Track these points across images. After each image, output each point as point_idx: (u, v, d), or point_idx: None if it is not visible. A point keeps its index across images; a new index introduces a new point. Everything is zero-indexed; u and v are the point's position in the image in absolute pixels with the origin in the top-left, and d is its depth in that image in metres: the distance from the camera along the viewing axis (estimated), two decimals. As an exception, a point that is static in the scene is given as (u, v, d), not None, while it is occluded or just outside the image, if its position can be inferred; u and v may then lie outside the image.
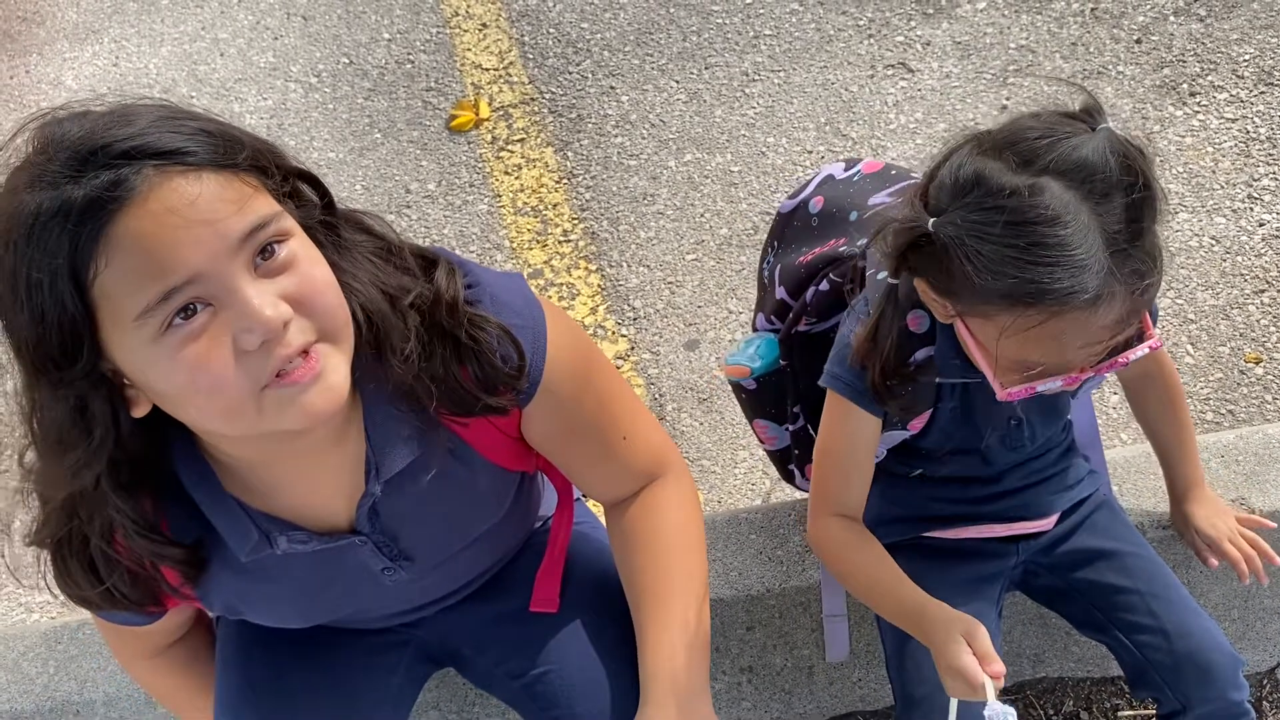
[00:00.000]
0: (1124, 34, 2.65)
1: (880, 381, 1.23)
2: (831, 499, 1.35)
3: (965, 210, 1.08)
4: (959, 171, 1.09)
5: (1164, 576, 1.40)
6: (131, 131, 0.85)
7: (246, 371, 0.88)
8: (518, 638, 1.31)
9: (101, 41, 3.22)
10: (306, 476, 1.06)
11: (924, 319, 1.23)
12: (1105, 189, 1.04)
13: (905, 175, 1.42)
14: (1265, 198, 2.28)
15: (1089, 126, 1.08)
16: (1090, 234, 1.04)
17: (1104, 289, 1.04)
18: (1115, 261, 1.04)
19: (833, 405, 1.31)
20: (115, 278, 0.84)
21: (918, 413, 1.26)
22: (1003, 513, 1.39)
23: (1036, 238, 1.04)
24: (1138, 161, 1.07)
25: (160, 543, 1.02)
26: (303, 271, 0.91)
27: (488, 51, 2.96)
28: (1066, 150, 1.05)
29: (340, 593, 1.18)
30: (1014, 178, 1.06)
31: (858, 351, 1.23)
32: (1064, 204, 1.04)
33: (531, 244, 2.50)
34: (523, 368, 1.06)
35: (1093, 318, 1.06)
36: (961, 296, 1.12)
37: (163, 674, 1.34)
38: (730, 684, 1.69)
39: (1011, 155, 1.07)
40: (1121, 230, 1.05)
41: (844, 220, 1.40)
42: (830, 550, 1.36)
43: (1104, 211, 1.04)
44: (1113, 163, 1.05)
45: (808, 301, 1.40)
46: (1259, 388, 2.01)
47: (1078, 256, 1.03)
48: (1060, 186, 1.04)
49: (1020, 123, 1.10)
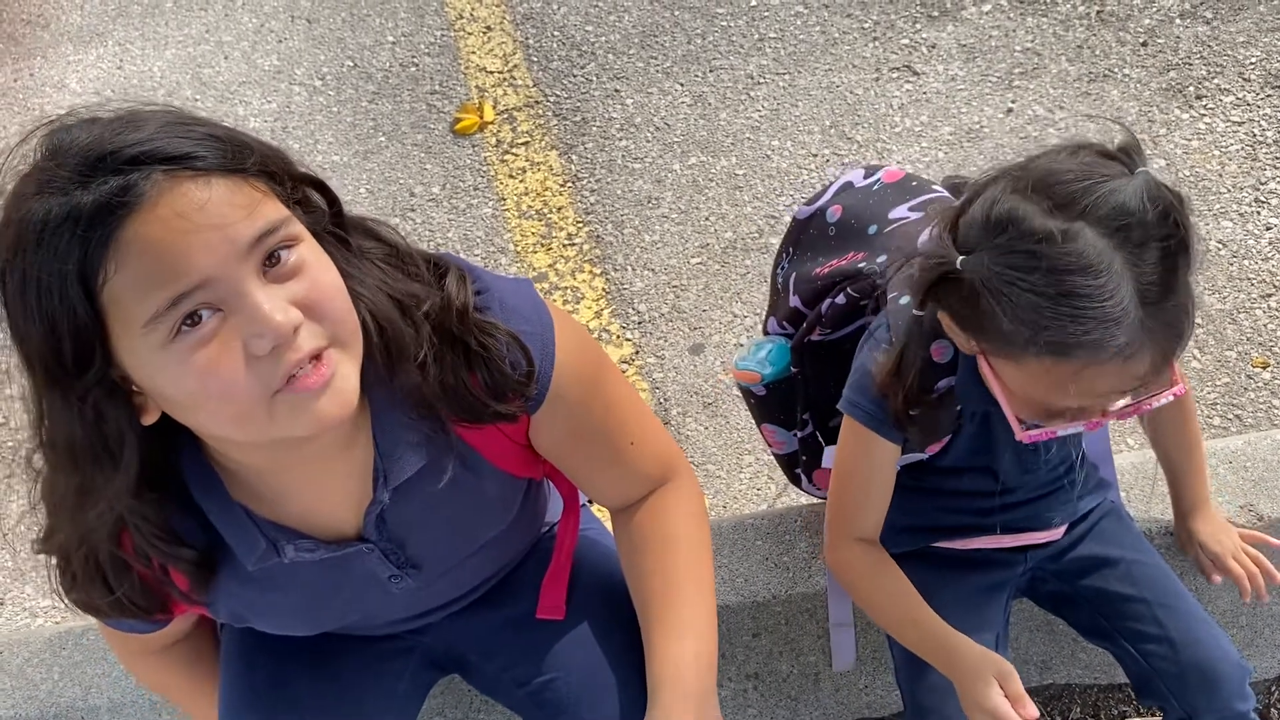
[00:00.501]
0: (1130, 37, 2.64)
1: (903, 411, 1.21)
2: (849, 524, 1.34)
3: (996, 252, 1.05)
4: (992, 210, 1.07)
5: (1171, 585, 1.40)
6: (140, 137, 0.85)
7: (257, 377, 0.88)
8: (524, 644, 1.30)
9: (105, 44, 3.22)
10: (314, 483, 1.05)
11: (947, 349, 1.22)
12: (1141, 238, 1.02)
13: (926, 187, 1.40)
14: (1272, 201, 2.27)
15: (1127, 168, 1.05)
16: (1124, 286, 1.01)
17: (1134, 342, 1.02)
18: (1147, 314, 1.02)
19: (851, 431, 1.29)
20: (125, 283, 0.84)
21: (938, 439, 1.25)
22: (1012, 524, 1.38)
23: (1068, 287, 1.01)
24: (1175, 209, 1.04)
25: (172, 544, 1.02)
26: (312, 277, 0.91)
27: (492, 54, 2.96)
28: (1104, 195, 1.02)
29: (347, 600, 1.17)
30: (1048, 222, 1.03)
31: (880, 382, 1.22)
32: (1098, 253, 1.01)
33: (536, 248, 2.50)
34: (532, 374, 1.06)
35: (1122, 369, 1.04)
36: (987, 338, 1.10)
37: (164, 671, 1.33)
38: (736, 691, 1.68)
39: (1047, 198, 1.04)
40: (1155, 282, 1.02)
41: (863, 233, 1.38)
42: (851, 578, 1.36)
43: (1139, 261, 1.02)
44: (1149, 210, 1.02)
45: (823, 313, 1.38)
46: (1266, 392, 2.00)
47: (1110, 309, 1.01)
48: (1095, 234, 1.02)
49: (1057, 162, 1.07)
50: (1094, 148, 1.09)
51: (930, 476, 1.34)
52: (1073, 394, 1.07)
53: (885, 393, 1.22)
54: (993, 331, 1.08)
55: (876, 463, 1.29)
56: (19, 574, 2.10)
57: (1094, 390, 1.07)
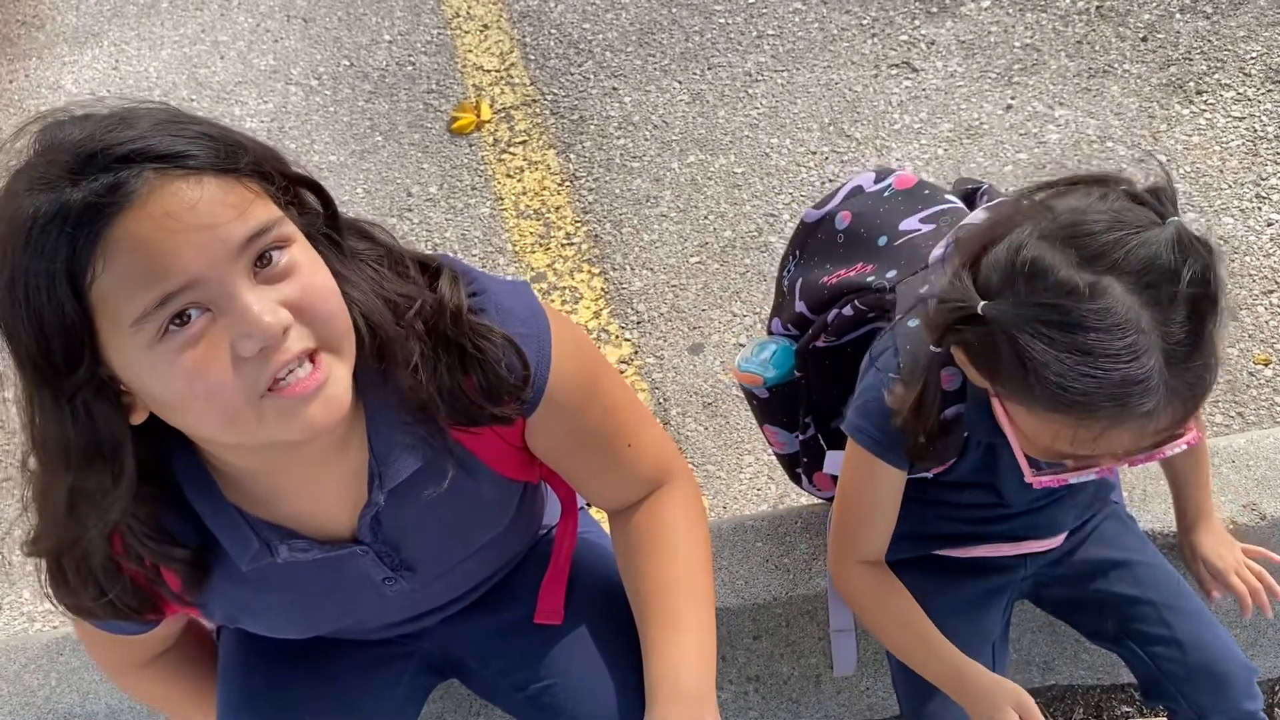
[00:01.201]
0: (1130, 32, 2.63)
1: (916, 444, 1.19)
2: (854, 546, 1.33)
3: (1019, 301, 1.02)
4: (1016, 256, 1.03)
5: (1176, 586, 1.39)
6: (132, 135, 0.85)
7: (244, 378, 0.87)
8: (522, 649, 1.29)
9: (101, 45, 3.21)
10: (309, 485, 1.05)
11: (956, 376, 1.19)
12: (1170, 295, 0.99)
13: (939, 196, 1.37)
14: (1274, 197, 2.26)
15: (1158, 215, 1.02)
16: (1151, 346, 0.99)
17: (1158, 403, 1.00)
18: (1172, 374, 0.99)
19: (856, 456, 1.27)
20: (112, 281, 0.83)
21: (943, 463, 1.24)
22: (1012, 532, 1.37)
23: (1093, 346, 0.99)
24: (1206, 261, 1.01)
25: (164, 543, 1.01)
26: (303, 278, 0.90)
27: (489, 53, 2.95)
28: (1134, 248, 0.99)
29: (340, 602, 1.17)
30: (1075, 274, 1.00)
31: (902, 421, 1.19)
32: (1126, 311, 0.98)
33: (534, 247, 2.48)
34: (528, 377, 1.05)
35: (1141, 427, 1.02)
36: (1005, 385, 1.07)
37: (153, 682, 1.32)
38: (737, 693, 1.67)
39: (1074, 248, 1.01)
40: (1183, 341, 0.99)
41: (872, 244, 1.36)
42: (856, 598, 1.36)
43: (1167, 320, 0.99)
44: (1180, 264, 0.99)
45: (829, 322, 1.36)
46: (1269, 390, 1.99)
47: (1135, 371, 0.98)
48: (1123, 290, 0.99)
49: (1086, 209, 1.03)
50: (1123, 186, 1.05)
51: (932, 489, 1.33)
52: (1086, 448, 1.05)
53: (904, 428, 1.19)
54: (1011, 381, 1.05)
55: (882, 487, 1.28)
56: (15, 578, 2.09)
57: (1110, 445, 1.05)
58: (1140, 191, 1.04)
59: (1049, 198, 1.08)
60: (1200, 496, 1.47)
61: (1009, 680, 1.20)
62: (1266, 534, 1.61)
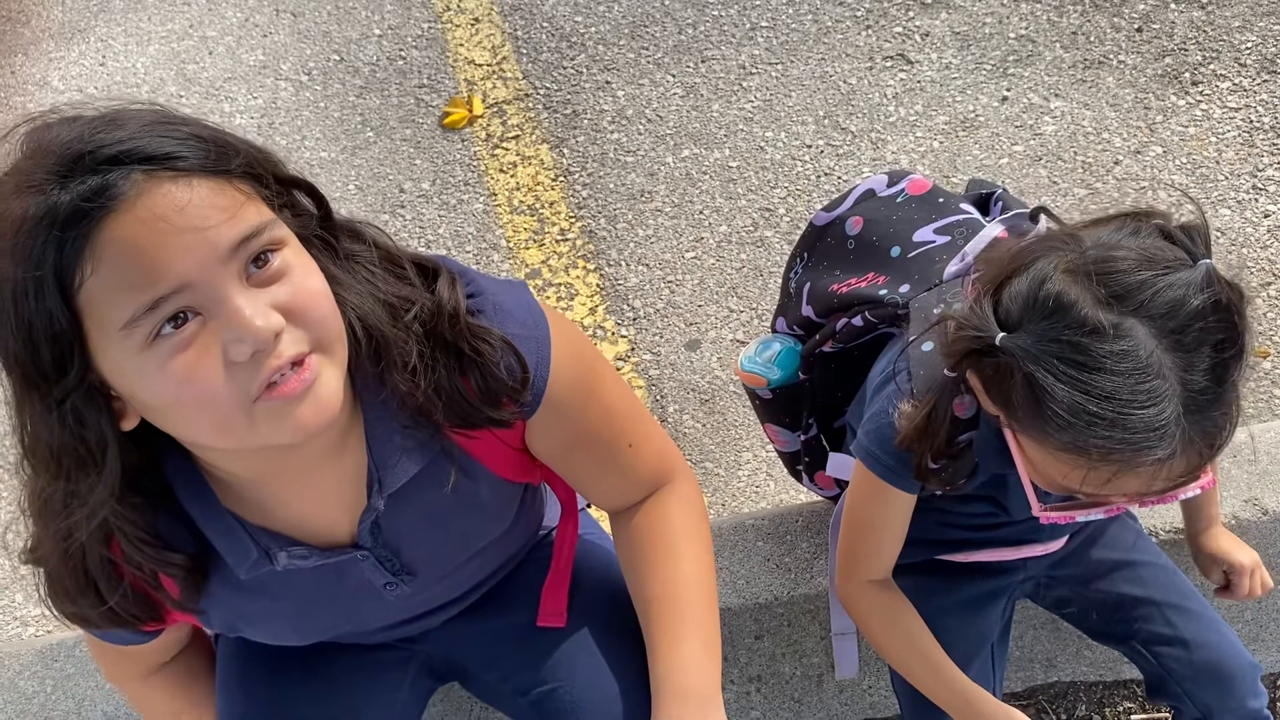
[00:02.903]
0: (1124, 23, 2.62)
1: (925, 466, 1.18)
2: (862, 567, 1.32)
3: (1038, 336, 0.99)
4: (1040, 289, 1.00)
5: (1180, 585, 1.38)
6: (121, 136, 0.83)
7: (236, 383, 0.86)
8: (525, 653, 1.28)
9: (88, 41, 3.17)
10: (306, 490, 1.03)
11: (970, 405, 1.17)
12: (1196, 342, 0.96)
13: (954, 205, 1.34)
14: (1270, 188, 2.26)
15: (1190, 256, 0.99)
16: (1171, 393, 0.96)
17: (1174, 452, 0.97)
18: (1190, 422, 0.96)
19: (866, 481, 1.26)
20: (101, 285, 0.82)
21: (952, 484, 1.23)
22: (1013, 537, 1.36)
23: (1111, 390, 0.96)
24: (1235, 308, 0.98)
25: (160, 549, 0.99)
26: (295, 281, 0.88)
27: (480, 47, 2.93)
28: (1160, 289, 0.96)
29: (342, 608, 1.16)
30: (1100, 314, 0.97)
31: (906, 437, 1.17)
32: (1148, 354, 0.95)
33: (529, 243, 2.47)
34: (526, 379, 1.04)
35: (1158, 472, 1.00)
36: (1018, 418, 1.05)
37: (157, 693, 1.31)
38: (739, 693, 1.67)
39: (1101, 285, 0.98)
40: (1204, 389, 0.97)
41: (884, 254, 1.33)
42: (863, 619, 1.35)
43: (1189, 366, 0.96)
44: (1206, 309, 0.96)
45: (836, 329, 1.35)
46: (1267, 383, 1.99)
47: (1152, 417, 0.95)
48: (1146, 333, 0.96)
49: (1115, 245, 1.00)
50: (1155, 222, 1.02)
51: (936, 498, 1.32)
52: (1099, 488, 1.03)
53: (910, 447, 1.17)
54: (1023, 413, 1.03)
55: (891, 511, 1.27)
56: (8, 582, 2.07)
57: (1122, 488, 1.03)
58: (1173, 229, 1.01)
59: (1078, 228, 1.06)
60: (1209, 504, 1.44)
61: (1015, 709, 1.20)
62: (1268, 528, 1.61)
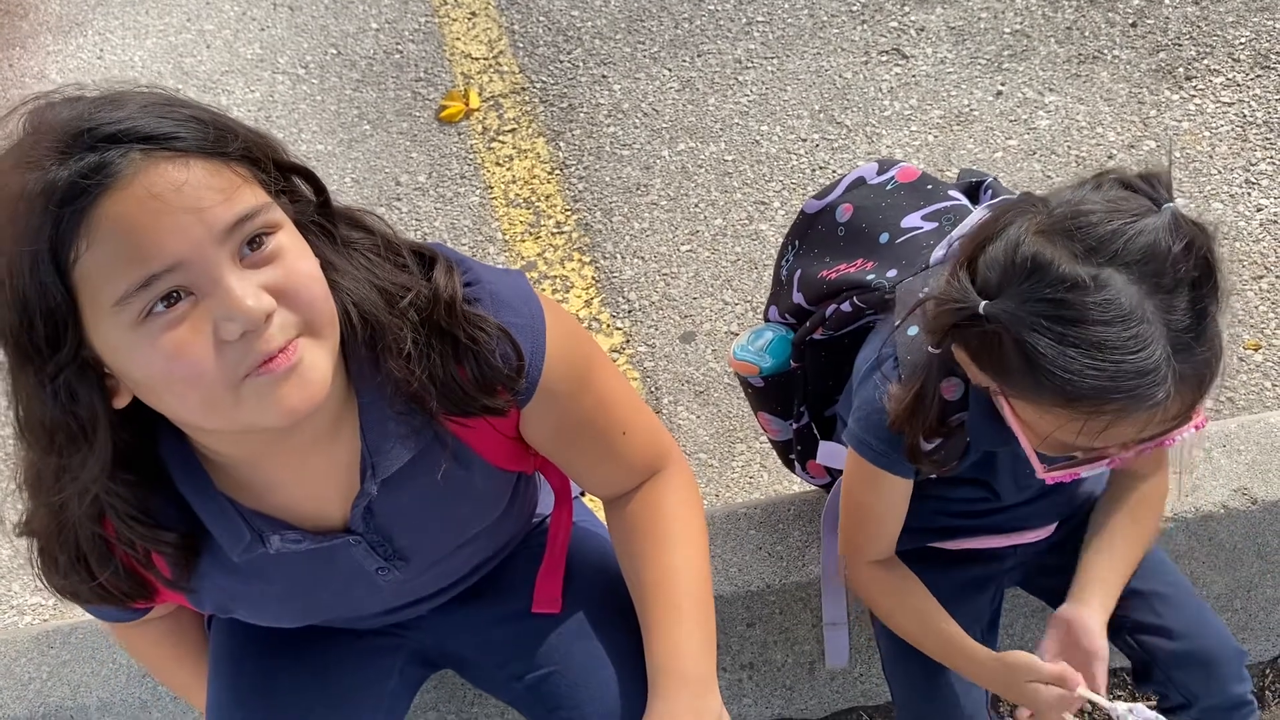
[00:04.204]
0: (1119, 17, 2.63)
1: (918, 446, 1.19)
2: (864, 551, 1.34)
3: (1021, 298, 1.01)
4: (1015, 253, 1.02)
5: (1166, 573, 1.39)
6: (120, 115, 0.84)
7: (225, 362, 0.86)
8: (520, 639, 1.29)
9: (86, 34, 3.18)
10: (300, 475, 1.04)
11: (958, 387, 1.18)
12: (1172, 283, 0.98)
13: (942, 192, 1.36)
14: (1263, 182, 2.27)
15: (1153, 202, 1.01)
16: (1156, 335, 0.98)
17: (1168, 392, 0.99)
18: (1179, 359, 0.99)
19: (859, 468, 1.27)
20: (96, 261, 0.83)
21: (945, 467, 1.24)
22: (1003, 524, 1.37)
23: (1098, 339, 0.98)
24: (1203, 245, 1.00)
25: (154, 527, 1.00)
26: (288, 264, 0.89)
27: (477, 40, 2.93)
28: (1132, 236, 0.98)
29: (334, 592, 1.16)
30: (1076, 268, 0.99)
31: (896, 417, 1.18)
32: (1129, 300, 0.98)
33: (524, 236, 2.48)
34: (521, 368, 1.04)
35: (1153, 416, 1.02)
36: (1011, 383, 1.06)
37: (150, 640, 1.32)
38: (731, 681, 1.67)
39: (1073, 240, 1.00)
40: (1188, 328, 0.99)
41: (873, 240, 1.34)
42: (872, 600, 1.37)
43: (1170, 308, 0.99)
44: (1179, 251, 0.98)
45: (826, 316, 1.36)
46: (1258, 375, 2.00)
47: (1143, 361, 0.97)
48: (1125, 280, 0.98)
49: (1081, 201, 1.02)
50: (1116, 176, 1.04)
51: (926, 485, 1.33)
52: (1096, 439, 1.05)
53: (901, 428, 1.18)
54: (1017, 378, 1.04)
55: (888, 496, 1.28)
56: (5, 571, 2.08)
57: (1120, 435, 1.04)
58: (1133, 179, 1.04)
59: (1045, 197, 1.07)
60: (1120, 587, 1.32)
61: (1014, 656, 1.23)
62: (1258, 518, 1.62)
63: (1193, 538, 1.62)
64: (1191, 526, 1.61)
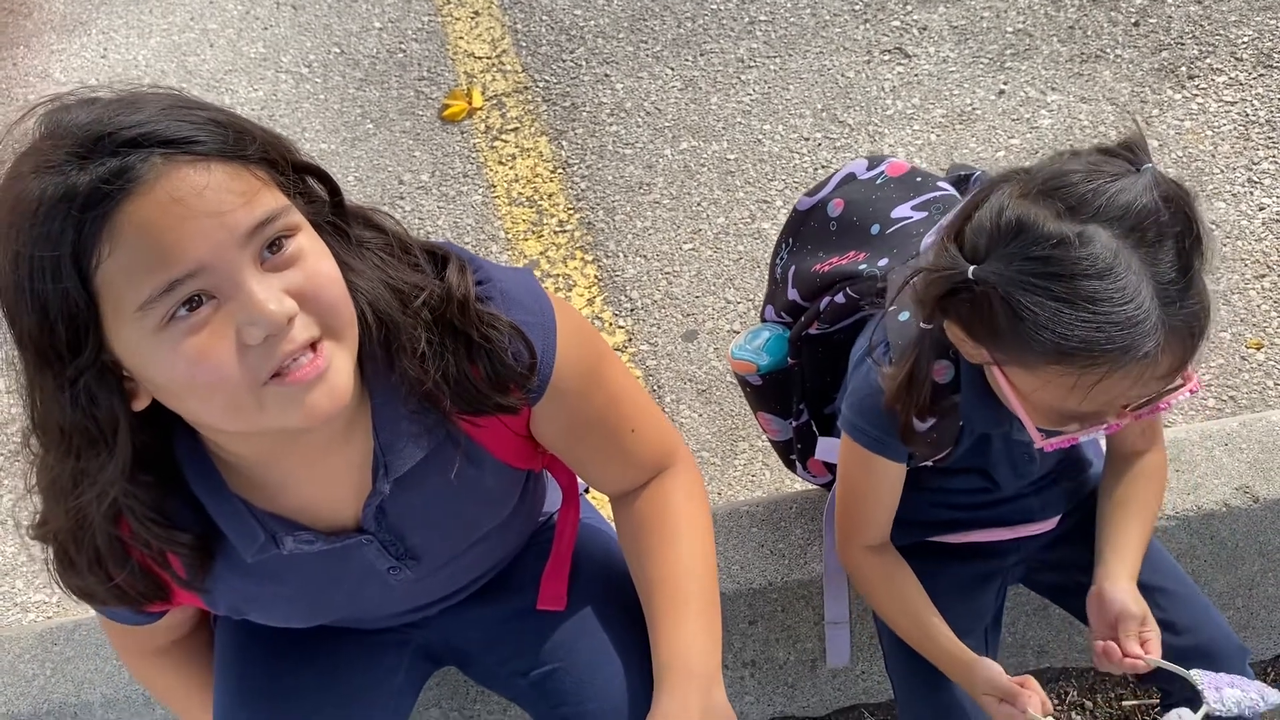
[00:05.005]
0: (1122, 16, 2.63)
1: (911, 427, 1.19)
2: (858, 535, 1.34)
3: (1008, 260, 1.03)
4: (1000, 217, 1.04)
5: (1169, 569, 1.40)
6: (139, 119, 0.84)
7: (248, 366, 0.87)
8: (526, 636, 1.30)
9: (89, 33, 3.18)
10: (313, 475, 1.04)
11: (948, 369, 1.19)
12: (1155, 236, 1.00)
13: (930, 183, 1.37)
14: (1265, 181, 2.27)
15: (1132, 164, 1.03)
16: (1143, 286, 1.00)
17: (1157, 344, 1.00)
18: (1167, 312, 1.01)
19: (853, 453, 1.28)
20: (118, 267, 0.83)
21: (940, 452, 1.24)
22: (1006, 517, 1.38)
23: (1088, 292, 0.99)
24: (1184, 202, 1.02)
25: (168, 528, 1.01)
26: (309, 267, 0.90)
27: (480, 39, 2.94)
28: (1113, 194, 1.00)
29: (346, 592, 1.17)
30: (1061, 225, 1.01)
31: (891, 397, 1.19)
32: (1114, 254, 0.99)
33: (527, 235, 2.48)
34: (534, 366, 1.05)
35: (1143, 372, 1.03)
36: (1003, 347, 1.07)
37: (163, 672, 1.33)
38: (733, 678, 1.68)
39: (1056, 201, 1.02)
40: (1174, 280, 1.01)
41: (864, 231, 1.36)
42: (862, 585, 1.38)
43: (1155, 260, 1.00)
44: (1161, 206, 1.00)
45: (821, 310, 1.37)
46: (1260, 373, 2.00)
47: (1131, 312, 0.99)
48: (1109, 235, 1.00)
49: (1062, 165, 1.05)
50: (1096, 146, 1.07)
51: (924, 476, 1.33)
52: (1090, 399, 1.05)
53: (895, 407, 1.19)
54: (1008, 341, 1.05)
55: (881, 480, 1.29)
56: (9, 568, 2.08)
57: (1113, 393, 1.05)
58: (1111, 145, 1.06)
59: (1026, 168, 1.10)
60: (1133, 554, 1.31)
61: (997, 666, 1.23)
62: (1260, 516, 1.62)
63: (1194, 536, 1.62)
64: (1193, 525, 1.61)
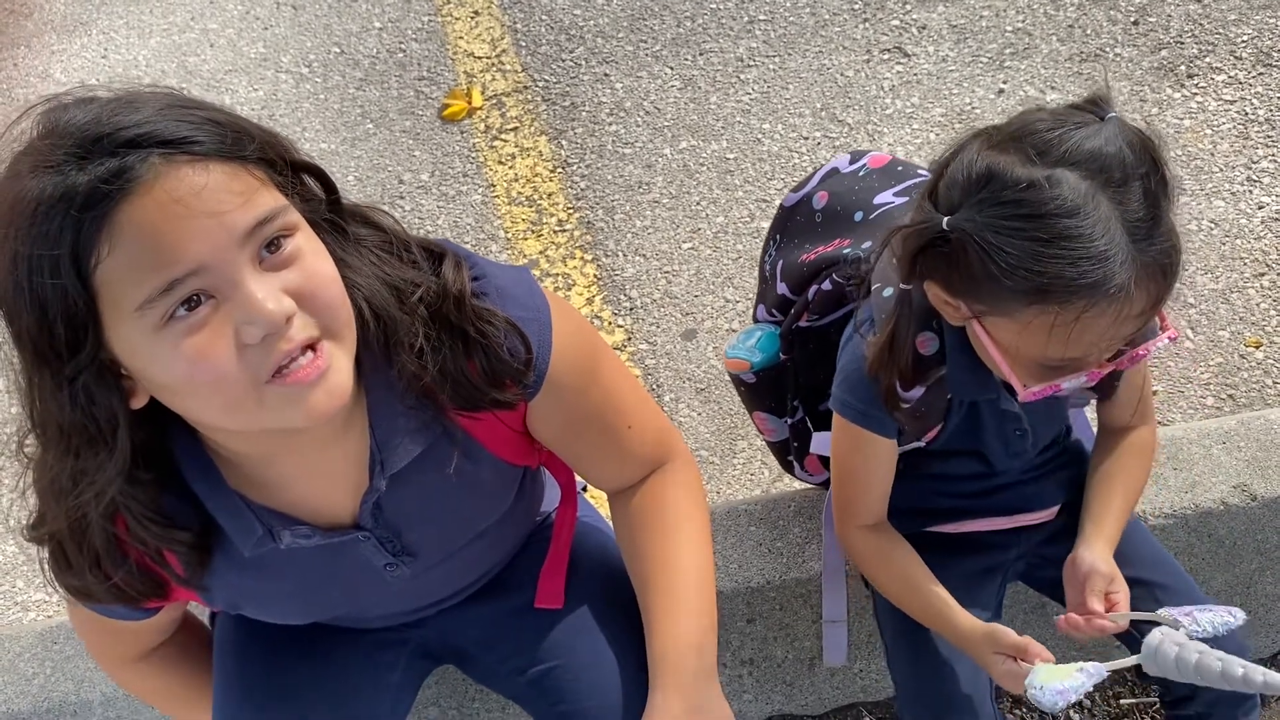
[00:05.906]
0: (1121, 15, 2.63)
1: (895, 396, 1.21)
2: (854, 513, 1.35)
3: (980, 206, 1.06)
4: (970, 168, 1.07)
5: (1168, 566, 1.40)
6: (138, 119, 0.84)
7: (247, 365, 0.87)
8: (523, 634, 1.30)
9: (90, 33, 3.19)
10: (310, 471, 1.05)
11: (932, 341, 1.21)
12: (1122, 177, 1.04)
13: (912, 171, 1.40)
14: (1264, 180, 2.27)
15: (1097, 116, 1.06)
16: (1112, 224, 1.03)
17: (1130, 278, 1.03)
18: (1139, 250, 1.04)
19: (844, 431, 1.29)
20: (117, 267, 0.83)
21: (929, 428, 1.25)
22: (1004, 505, 1.38)
23: (1059, 230, 1.02)
24: (1150, 146, 1.06)
25: (166, 526, 1.01)
26: (307, 266, 0.90)
27: (480, 39, 2.94)
28: (1079, 140, 1.04)
29: (343, 588, 1.17)
30: (1029, 170, 1.04)
31: (873, 363, 1.21)
32: (1083, 194, 1.02)
33: (527, 234, 2.48)
34: (530, 361, 1.05)
35: (1120, 309, 1.05)
36: (981, 296, 1.10)
37: (148, 676, 1.33)
38: (731, 676, 1.68)
39: (1024, 148, 1.05)
40: (1143, 218, 1.04)
41: (848, 219, 1.38)
42: (860, 563, 1.38)
43: (1123, 199, 1.03)
44: (1126, 150, 1.04)
45: (809, 299, 1.38)
46: (1259, 372, 2.00)
47: (1103, 246, 1.02)
48: (1076, 177, 1.03)
49: (1029, 116, 1.09)
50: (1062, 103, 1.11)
51: (920, 461, 1.34)
52: (1070, 343, 1.07)
53: (878, 373, 1.21)
54: (986, 288, 1.08)
55: (872, 457, 1.29)
56: (10, 567, 2.09)
57: (1092, 336, 1.07)
58: (1076, 101, 1.09)
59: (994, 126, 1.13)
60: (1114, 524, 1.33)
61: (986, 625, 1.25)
62: (1258, 514, 1.62)
63: (1192, 534, 1.62)
64: (1191, 523, 1.61)
